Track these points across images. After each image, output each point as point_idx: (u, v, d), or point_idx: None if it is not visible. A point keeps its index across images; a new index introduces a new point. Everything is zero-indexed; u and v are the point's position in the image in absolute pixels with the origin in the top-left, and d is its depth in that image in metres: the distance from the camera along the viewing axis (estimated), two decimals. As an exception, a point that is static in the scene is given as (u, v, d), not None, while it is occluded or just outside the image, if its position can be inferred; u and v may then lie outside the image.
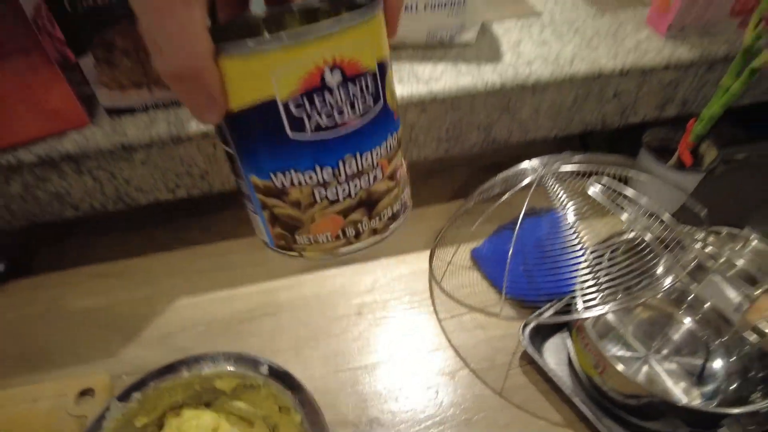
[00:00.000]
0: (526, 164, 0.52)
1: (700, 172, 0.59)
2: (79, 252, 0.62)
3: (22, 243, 0.63)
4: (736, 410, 0.38)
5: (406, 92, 0.50)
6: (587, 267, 0.45)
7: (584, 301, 0.43)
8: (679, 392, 0.46)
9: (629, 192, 0.47)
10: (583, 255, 0.46)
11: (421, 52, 0.54)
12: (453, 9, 0.51)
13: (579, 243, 0.46)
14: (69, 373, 0.51)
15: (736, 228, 0.51)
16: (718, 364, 0.47)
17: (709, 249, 0.45)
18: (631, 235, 0.45)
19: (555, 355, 0.50)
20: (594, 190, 0.46)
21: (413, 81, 0.51)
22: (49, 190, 0.51)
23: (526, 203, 0.47)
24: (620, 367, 0.40)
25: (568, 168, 0.51)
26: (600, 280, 0.43)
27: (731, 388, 0.45)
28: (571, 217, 0.48)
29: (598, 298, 0.43)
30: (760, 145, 0.73)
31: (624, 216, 0.45)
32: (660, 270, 0.44)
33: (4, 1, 0.41)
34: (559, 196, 0.49)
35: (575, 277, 0.46)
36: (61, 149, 0.48)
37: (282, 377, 0.40)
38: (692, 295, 0.50)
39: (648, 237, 0.44)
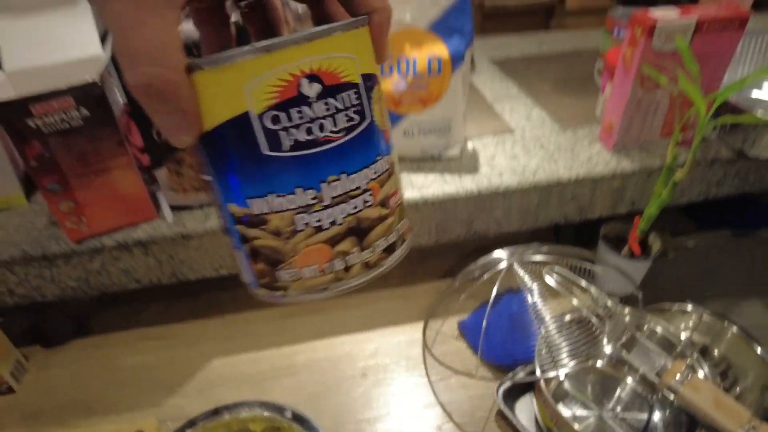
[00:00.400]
0: (498, 253, 0.65)
1: (648, 260, 0.71)
2: (131, 317, 0.75)
3: (85, 307, 0.76)
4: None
5: (404, 196, 0.64)
6: (544, 338, 0.57)
7: (541, 366, 0.54)
8: (628, 445, 0.56)
9: (581, 281, 0.60)
10: (542, 328, 0.58)
11: (416, 164, 0.69)
12: (441, 134, 0.66)
13: (539, 318, 0.58)
14: (123, 418, 0.62)
15: (685, 303, 0.63)
16: (657, 417, 0.58)
17: (637, 323, 0.57)
18: (581, 313, 0.57)
19: (526, 411, 0.60)
20: (550, 278, 0.59)
21: (409, 187, 0.65)
22: (120, 267, 0.64)
23: (496, 287, 0.60)
24: (568, 415, 0.51)
25: (533, 257, 0.64)
26: (553, 349, 0.55)
27: (667, 439, 0.55)
28: (534, 297, 0.60)
29: (552, 363, 0.54)
30: (705, 234, 0.86)
31: (574, 301, 0.57)
32: (602, 341, 0.55)
33: (109, 124, 0.56)
34: (525, 280, 0.61)
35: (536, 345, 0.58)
36: (134, 236, 0.61)
37: (302, 421, 0.51)
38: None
39: (593, 318, 0.56)
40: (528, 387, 0.62)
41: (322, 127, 0.22)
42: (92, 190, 0.58)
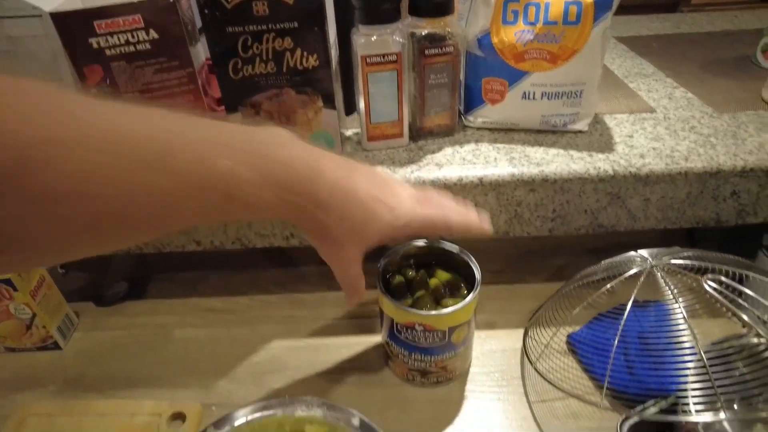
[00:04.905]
0: (634, 254, 0.51)
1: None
2: (191, 284, 0.68)
3: (143, 268, 0.70)
4: None
5: (517, 171, 0.52)
6: (699, 368, 0.42)
7: (695, 404, 0.40)
8: None
9: (752, 293, 0.44)
10: (694, 355, 0.43)
11: (533, 136, 0.56)
12: (569, 100, 0.53)
13: (689, 341, 0.44)
14: (165, 396, 0.54)
15: None
16: None
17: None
18: (754, 340, 0.42)
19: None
20: (711, 286, 0.44)
21: (525, 162, 0.53)
22: (181, 225, 0.56)
23: (634, 293, 0.46)
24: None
25: (680, 262, 0.49)
26: (714, 385, 0.40)
27: None
28: (681, 312, 0.46)
29: (711, 404, 0.40)
30: None
31: (745, 317, 0.42)
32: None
33: (180, 54, 0.48)
34: (670, 289, 0.47)
35: (683, 375, 0.44)
36: (199, 190, 0.54)
37: (372, 432, 0.40)
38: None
39: (772, 345, 0.41)
40: (656, 426, 0.48)
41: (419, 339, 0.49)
42: (157, 131, 0.50)
